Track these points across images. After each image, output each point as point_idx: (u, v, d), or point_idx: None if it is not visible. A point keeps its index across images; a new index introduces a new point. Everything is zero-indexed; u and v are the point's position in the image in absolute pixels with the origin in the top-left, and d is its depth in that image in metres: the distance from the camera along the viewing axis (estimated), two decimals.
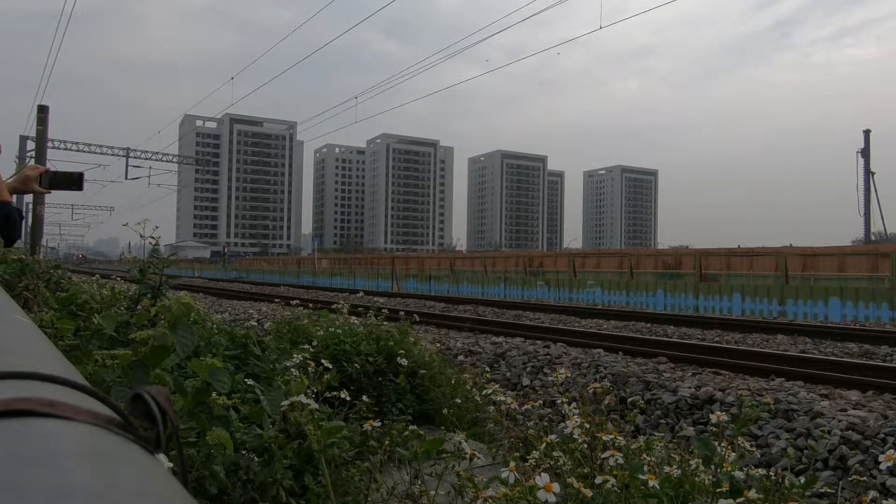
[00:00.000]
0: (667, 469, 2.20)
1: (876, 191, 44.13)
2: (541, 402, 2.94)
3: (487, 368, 7.40)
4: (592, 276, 25.78)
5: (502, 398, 2.81)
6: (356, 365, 4.32)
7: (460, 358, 7.97)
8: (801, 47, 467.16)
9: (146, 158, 41.53)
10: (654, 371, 7.89)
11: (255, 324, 8.75)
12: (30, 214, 17.14)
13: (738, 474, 2.05)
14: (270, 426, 2.11)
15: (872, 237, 47.34)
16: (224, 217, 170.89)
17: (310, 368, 2.80)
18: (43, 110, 16.60)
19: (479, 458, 2.04)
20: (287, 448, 2.07)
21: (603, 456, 2.12)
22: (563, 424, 2.35)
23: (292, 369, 2.81)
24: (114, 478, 0.33)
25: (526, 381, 8.21)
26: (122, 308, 2.89)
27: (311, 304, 8.97)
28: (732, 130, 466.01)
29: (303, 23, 32.61)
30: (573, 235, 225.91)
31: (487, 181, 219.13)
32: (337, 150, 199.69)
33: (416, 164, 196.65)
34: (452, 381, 4.77)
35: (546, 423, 2.81)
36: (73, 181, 3.09)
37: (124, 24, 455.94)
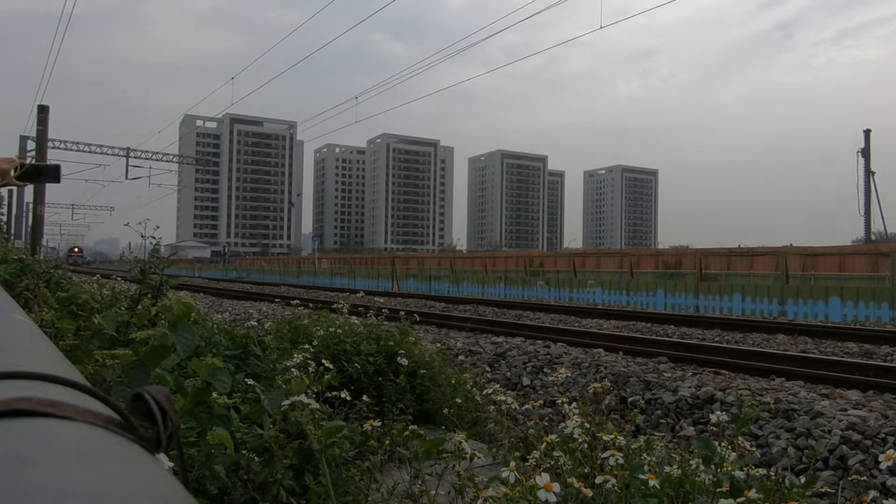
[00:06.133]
0: (667, 469, 2.20)
1: (876, 191, 44.19)
2: (541, 401, 2.94)
3: (488, 368, 7.40)
4: (592, 276, 25.78)
5: (502, 398, 2.81)
6: (356, 365, 4.33)
7: (460, 358, 7.97)
8: (803, 48, 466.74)
9: (146, 158, 41.58)
10: (655, 371, 7.89)
11: (256, 324, 8.76)
12: (30, 214, 17.15)
13: (739, 474, 2.05)
14: (271, 426, 2.11)
15: (873, 237, 47.36)
16: (224, 217, 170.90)
17: (310, 368, 2.80)
18: (43, 110, 16.61)
19: (479, 457, 2.04)
20: (287, 448, 2.07)
21: (603, 456, 2.12)
22: (563, 424, 2.35)
23: (293, 369, 2.81)
24: (114, 478, 0.33)
25: (526, 381, 8.21)
26: (123, 308, 2.89)
27: (311, 304, 8.96)
28: (733, 131, 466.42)
29: (303, 22, 32.59)
30: (573, 235, 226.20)
31: (487, 181, 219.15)
32: (337, 150, 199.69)
33: (416, 164, 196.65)
34: (453, 381, 4.77)
35: (546, 423, 2.81)
36: (49, 173, 3.05)
37: (126, 26, 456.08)
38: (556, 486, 1.68)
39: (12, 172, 2.97)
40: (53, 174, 3.02)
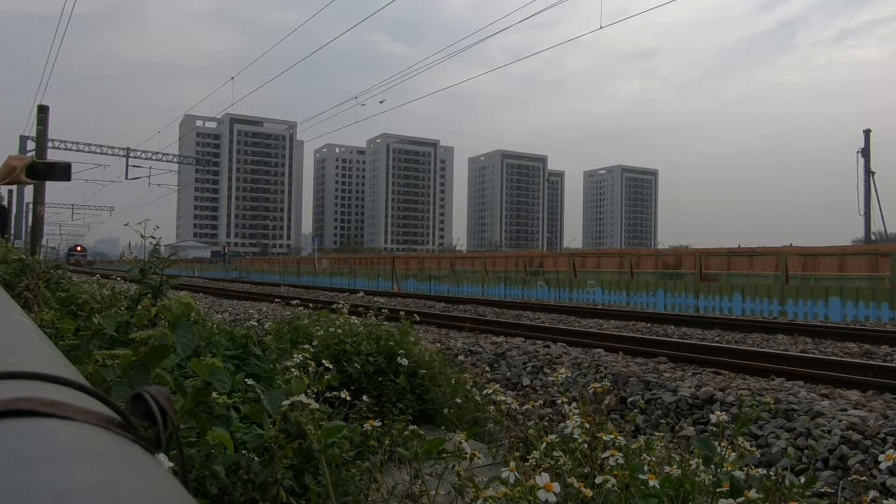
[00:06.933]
0: (667, 469, 2.20)
1: (876, 191, 44.17)
2: (541, 401, 2.94)
3: (487, 368, 7.41)
4: (592, 276, 25.78)
5: (502, 398, 2.81)
6: (356, 365, 4.32)
7: (460, 358, 7.97)
8: (804, 48, 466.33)
9: (146, 158, 41.59)
10: (655, 371, 7.89)
11: (256, 324, 8.76)
12: (30, 214, 17.14)
13: (739, 474, 2.05)
14: (271, 426, 2.11)
15: (872, 237, 47.34)
16: (224, 217, 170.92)
17: (310, 368, 2.80)
18: (43, 110, 16.59)
19: (479, 457, 2.04)
20: (287, 448, 2.07)
21: (603, 456, 2.12)
22: (563, 424, 2.35)
23: (292, 369, 2.81)
24: (114, 478, 0.33)
25: (526, 381, 8.21)
26: (123, 308, 2.89)
27: (311, 304, 8.97)
28: (733, 131, 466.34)
29: (303, 22, 32.58)
30: (573, 235, 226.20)
31: (487, 181, 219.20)
32: (337, 150, 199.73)
33: (416, 164, 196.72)
34: (453, 381, 4.77)
35: (546, 423, 2.81)
36: (59, 171, 3.06)
37: (127, 26, 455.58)
38: (556, 486, 1.68)
39: (24, 171, 2.98)
40: (64, 172, 3.04)
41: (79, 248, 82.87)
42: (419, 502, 2.09)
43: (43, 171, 3.04)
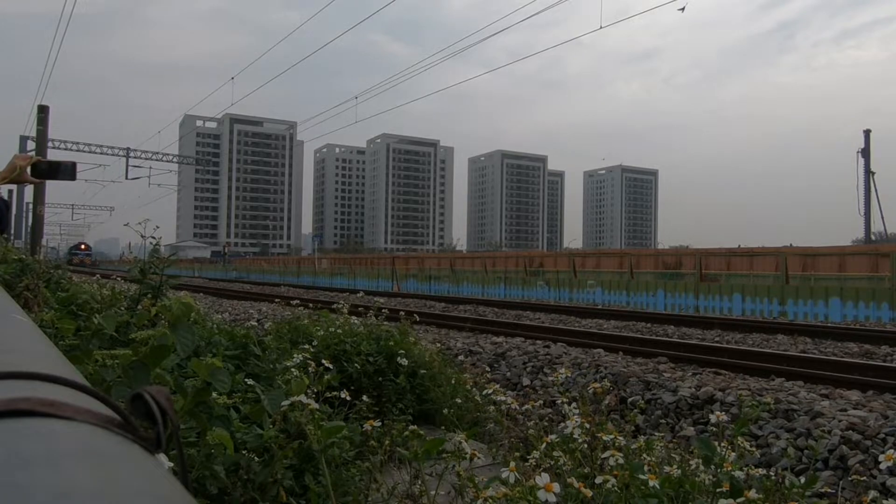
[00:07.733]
0: (667, 469, 2.20)
1: (876, 191, 44.19)
2: (541, 402, 2.94)
3: (488, 368, 7.40)
4: (592, 276, 25.77)
5: (502, 398, 2.81)
6: (356, 365, 4.32)
7: (460, 358, 7.96)
8: (804, 49, 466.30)
9: (146, 158, 41.59)
10: (655, 371, 7.89)
11: (256, 324, 8.76)
12: (30, 214, 17.13)
13: (739, 474, 2.05)
14: (271, 426, 2.11)
15: (872, 237, 47.37)
16: (224, 217, 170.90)
17: (310, 368, 2.80)
18: (43, 110, 16.60)
19: (479, 458, 2.04)
20: (287, 448, 2.07)
21: (603, 456, 2.12)
22: (563, 424, 2.35)
23: (293, 369, 2.81)
24: (114, 478, 0.33)
25: (526, 381, 8.21)
26: (123, 308, 2.89)
27: (311, 304, 8.96)
28: (733, 131, 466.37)
29: (303, 22, 32.56)
30: (573, 235, 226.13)
31: (488, 181, 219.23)
32: (337, 150, 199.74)
33: (416, 164, 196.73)
34: (452, 381, 4.77)
35: (546, 423, 2.81)
36: (64, 170, 3.07)
37: (127, 26, 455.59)
38: (556, 487, 1.69)
39: (28, 170, 2.98)
40: (69, 171, 3.05)
41: (83, 247, 75.18)
42: (419, 502, 2.09)
43: (48, 170, 3.05)
